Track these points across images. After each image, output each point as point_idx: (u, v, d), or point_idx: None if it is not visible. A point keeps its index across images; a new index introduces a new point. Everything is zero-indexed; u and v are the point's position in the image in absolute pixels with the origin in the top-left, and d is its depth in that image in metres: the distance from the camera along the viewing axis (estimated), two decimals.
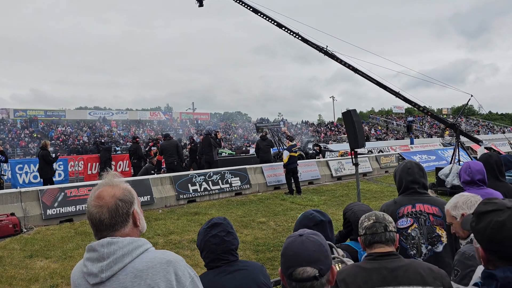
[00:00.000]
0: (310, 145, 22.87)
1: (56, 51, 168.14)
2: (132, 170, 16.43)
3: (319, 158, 20.57)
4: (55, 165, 16.25)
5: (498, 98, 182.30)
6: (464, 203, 2.38)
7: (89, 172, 16.68)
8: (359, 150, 7.44)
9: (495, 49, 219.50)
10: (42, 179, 12.99)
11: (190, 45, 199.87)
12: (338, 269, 2.08)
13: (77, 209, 9.34)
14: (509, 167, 4.57)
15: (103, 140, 15.84)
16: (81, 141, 38.63)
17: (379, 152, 23.65)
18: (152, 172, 13.91)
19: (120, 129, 48.40)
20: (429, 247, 2.77)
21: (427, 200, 2.86)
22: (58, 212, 9.09)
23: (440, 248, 2.76)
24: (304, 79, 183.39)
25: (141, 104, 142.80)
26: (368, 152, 24.38)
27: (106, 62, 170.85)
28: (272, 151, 16.11)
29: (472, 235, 2.04)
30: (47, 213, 8.92)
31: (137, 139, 17.08)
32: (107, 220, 1.43)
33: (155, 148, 16.78)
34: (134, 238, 1.44)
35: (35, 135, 40.00)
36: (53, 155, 13.22)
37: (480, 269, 1.82)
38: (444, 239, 2.77)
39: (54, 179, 13.21)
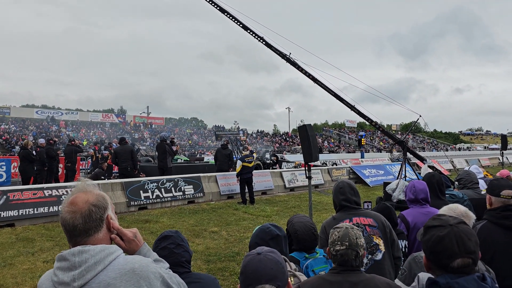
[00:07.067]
0: (267, 155, 23.09)
1: None
2: (65, 174, 15.35)
3: (275, 168, 20.85)
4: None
5: (440, 116, 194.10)
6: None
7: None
8: (313, 163, 7.62)
9: (431, 70, 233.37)
10: (21, 179, 13.19)
11: (138, 47, 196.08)
12: (292, 282, 2.15)
13: (20, 214, 8.88)
14: (449, 186, 4.93)
15: (52, 142, 14.96)
16: None
17: (332, 165, 24.32)
18: (102, 177, 13.49)
19: (69, 129, 46.51)
20: (369, 256, 2.95)
21: (361, 213, 3.10)
22: None
23: (379, 256, 2.96)
24: (253, 88, 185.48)
25: (86, 105, 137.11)
26: (322, 164, 25.01)
27: (47, 58, 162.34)
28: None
29: None
30: None
31: (73, 142, 15.79)
32: (80, 225, 1.44)
33: (107, 152, 16.27)
34: (105, 245, 1.45)
35: None
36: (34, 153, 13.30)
37: (422, 275, 1.98)
38: (382, 247, 2.98)
39: None
